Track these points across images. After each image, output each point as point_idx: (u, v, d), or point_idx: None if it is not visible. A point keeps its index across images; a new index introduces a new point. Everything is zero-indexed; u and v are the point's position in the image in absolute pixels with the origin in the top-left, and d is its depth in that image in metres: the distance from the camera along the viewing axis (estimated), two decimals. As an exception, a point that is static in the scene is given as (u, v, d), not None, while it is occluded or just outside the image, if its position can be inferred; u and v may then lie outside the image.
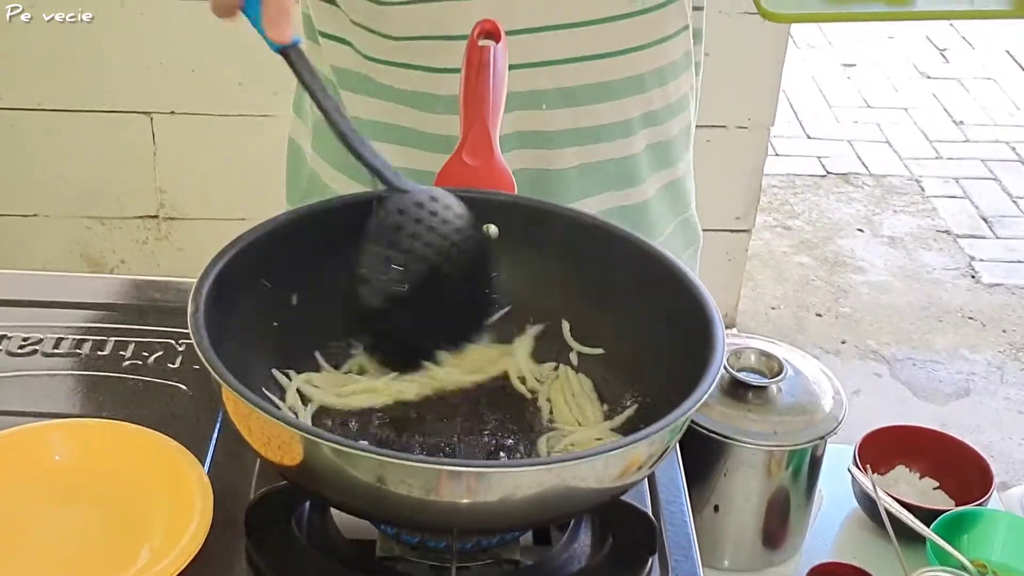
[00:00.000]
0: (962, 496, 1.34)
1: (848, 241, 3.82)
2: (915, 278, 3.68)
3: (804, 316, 3.47)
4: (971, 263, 3.74)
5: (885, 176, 4.18)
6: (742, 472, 1.20)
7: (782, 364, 1.22)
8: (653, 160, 1.31)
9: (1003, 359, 3.36)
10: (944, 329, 3.46)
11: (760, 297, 3.52)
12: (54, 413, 1.03)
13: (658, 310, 1.00)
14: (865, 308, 3.53)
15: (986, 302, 3.58)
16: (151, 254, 2.98)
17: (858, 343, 3.38)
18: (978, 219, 3.97)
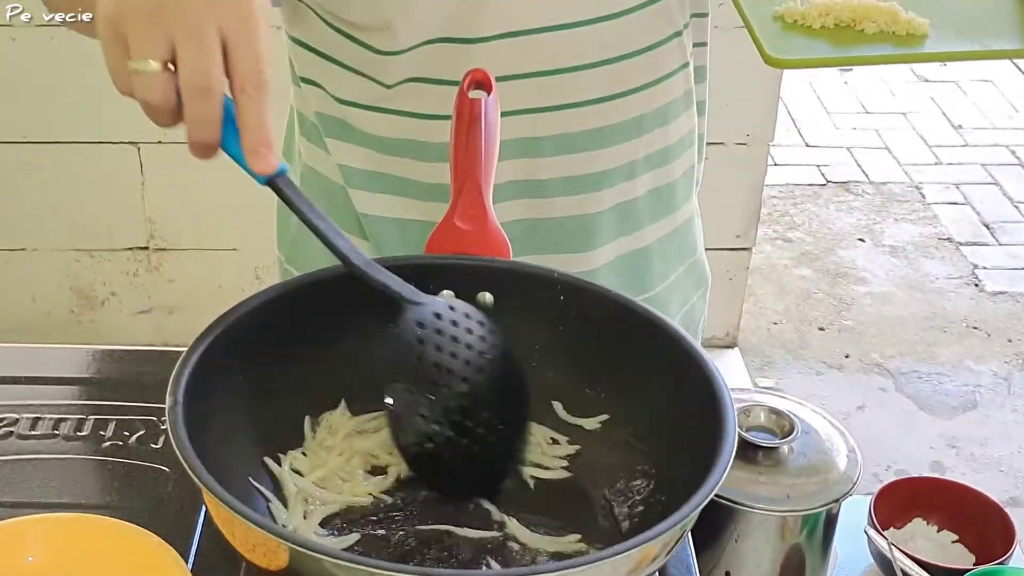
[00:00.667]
0: (983, 550, 1.29)
1: (849, 251, 3.78)
2: (918, 288, 3.63)
3: (807, 331, 3.42)
4: (974, 271, 3.70)
5: (885, 183, 4.13)
6: (754, 538, 1.15)
7: (793, 422, 1.17)
8: (655, 205, 1.26)
9: (1009, 370, 3.32)
10: (949, 340, 3.42)
11: (761, 312, 3.47)
12: (30, 503, 0.98)
13: (663, 385, 0.95)
14: (868, 320, 3.48)
15: (990, 311, 3.54)
16: (142, 286, 2.93)
17: (862, 357, 3.34)
18: (980, 225, 3.93)
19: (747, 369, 3.21)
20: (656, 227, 1.27)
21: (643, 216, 1.25)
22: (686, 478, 0.87)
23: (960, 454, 3.00)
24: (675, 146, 1.25)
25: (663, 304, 1.30)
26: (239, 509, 0.77)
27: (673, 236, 1.29)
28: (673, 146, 1.25)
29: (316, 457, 0.96)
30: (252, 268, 2.89)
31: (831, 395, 3.17)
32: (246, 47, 0.81)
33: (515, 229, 1.19)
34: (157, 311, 2.97)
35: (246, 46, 0.81)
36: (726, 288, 3.09)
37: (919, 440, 3.03)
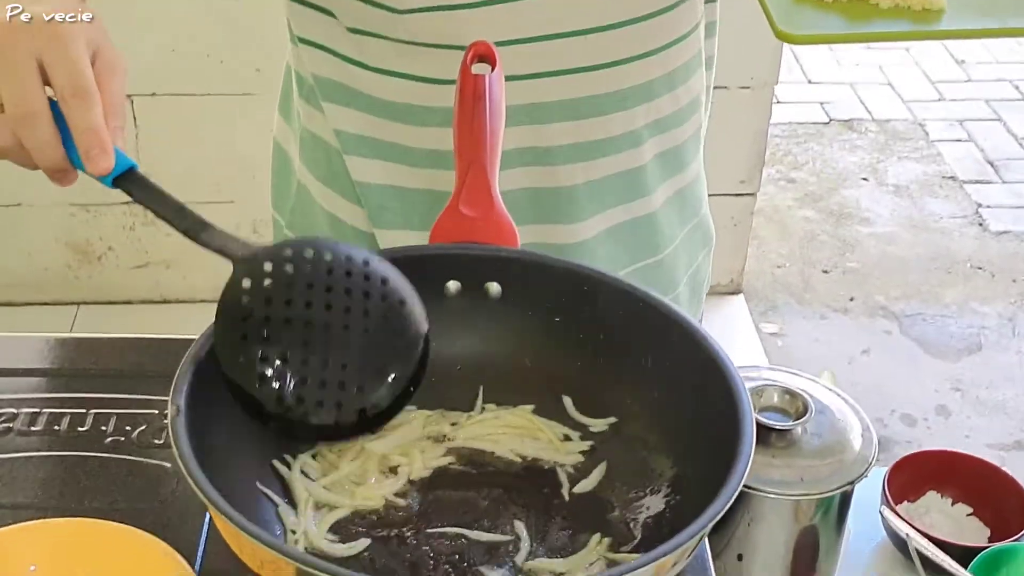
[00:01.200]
0: (998, 524, 1.27)
1: (853, 191, 3.74)
2: (922, 228, 3.60)
3: (811, 274, 3.40)
4: (978, 210, 3.67)
5: (889, 121, 4.08)
6: (767, 521, 1.14)
7: (807, 403, 1.15)
8: (662, 169, 1.23)
9: (1014, 311, 3.30)
10: (953, 281, 3.40)
11: (765, 256, 3.44)
12: (32, 505, 0.96)
13: (678, 380, 0.93)
14: (872, 262, 3.45)
15: (995, 251, 3.51)
16: (138, 240, 2.90)
17: (866, 300, 3.31)
18: (984, 163, 3.89)
19: (751, 316, 3.19)
20: (663, 190, 1.24)
21: (650, 181, 1.22)
22: (702, 477, 0.85)
23: (965, 397, 2.99)
24: (685, 109, 1.22)
25: (671, 267, 1.28)
26: (246, 528, 0.75)
27: (679, 197, 1.27)
28: (683, 109, 1.21)
29: (326, 461, 0.94)
30: (250, 221, 2.85)
31: (835, 339, 3.15)
32: (60, 62, 0.84)
33: (520, 197, 1.16)
34: (154, 266, 2.94)
35: (59, 61, 0.84)
36: (730, 234, 3.06)
37: (924, 384, 3.02)
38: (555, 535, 0.90)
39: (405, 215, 1.19)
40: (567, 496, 0.93)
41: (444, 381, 1.00)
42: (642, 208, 1.23)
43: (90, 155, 0.85)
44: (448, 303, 0.99)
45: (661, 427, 0.94)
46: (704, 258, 1.36)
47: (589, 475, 0.94)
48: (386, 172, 1.19)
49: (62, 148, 0.86)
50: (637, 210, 1.23)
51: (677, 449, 0.92)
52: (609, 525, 0.91)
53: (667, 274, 1.28)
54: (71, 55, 0.85)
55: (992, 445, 2.83)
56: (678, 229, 1.28)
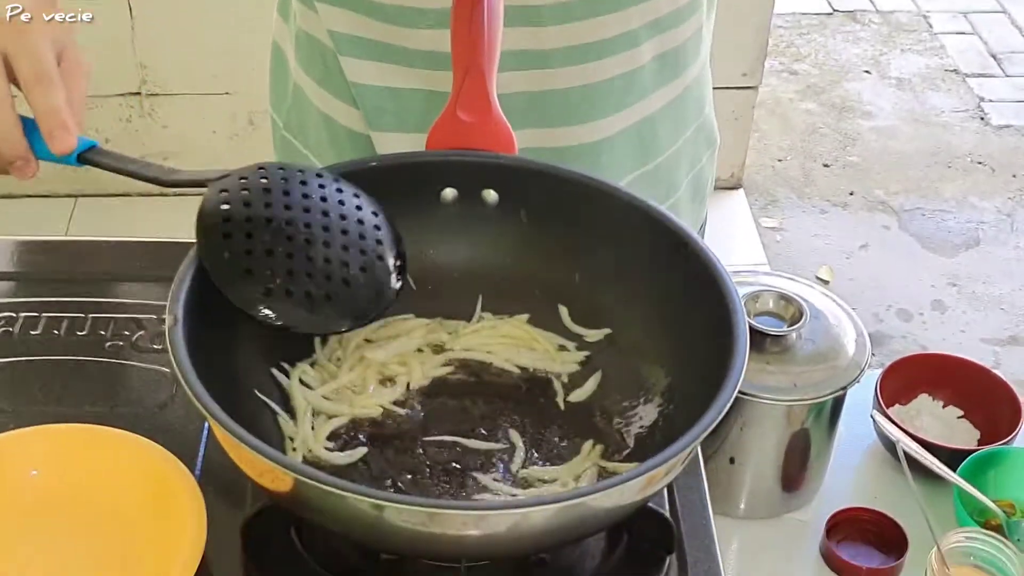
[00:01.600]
0: (988, 427, 1.29)
1: (855, 84, 3.70)
2: (923, 122, 3.57)
3: (811, 167, 3.38)
4: (980, 104, 3.64)
5: (892, 12, 4.02)
6: (759, 426, 1.15)
7: (801, 308, 1.15)
8: (662, 71, 1.21)
9: (1013, 206, 3.29)
10: (953, 176, 3.38)
11: (766, 149, 3.42)
12: (32, 409, 0.97)
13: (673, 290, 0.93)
14: (873, 156, 3.44)
15: (995, 145, 3.49)
16: (136, 132, 2.88)
17: (866, 194, 3.30)
18: (987, 56, 3.84)
19: (751, 209, 3.18)
20: (663, 93, 1.23)
21: (648, 84, 1.21)
22: (696, 387, 0.86)
23: (962, 292, 2.99)
24: (684, 9, 1.20)
25: (672, 169, 1.27)
26: (244, 438, 0.76)
27: (680, 100, 1.25)
28: (683, 9, 1.20)
29: (325, 370, 0.95)
30: (246, 113, 2.83)
31: (834, 234, 3.15)
32: (23, 54, 0.90)
33: (517, 101, 1.15)
34: (152, 158, 2.87)
35: (22, 53, 0.90)
36: (732, 128, 3.03)
37: (921, 279, 3.02)
38: (549, 443, 0.92)
39: (400, 117, 1.19)
40: (562, 405, 0.94)
41: (441, 289, 1.01)
42: (641, 111, 1.22)
43: (53, 135, 0.90)
44: (444, 210, 0.99)
45: (655, 337, 0.94)
46: (708, 159, 1.35)
47: (584, 384, 0.95)
48: (381, 73, 1.18)
49: (24, 137, 0.90)
50: (636, 114, 1.21)
51: (671, 359, 0.93)
52: (603, 433, 0.92)
53: (668, 177, 1.27)
54: (33, 48, 0.90)
55: (987, 340, 2.85)
56: (680, 132, 1.27)
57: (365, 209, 0.90)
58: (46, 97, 0.91)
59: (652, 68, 1.20)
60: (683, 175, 1.29)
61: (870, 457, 1.30)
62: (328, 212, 0.88)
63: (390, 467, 0.89)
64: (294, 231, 0.86)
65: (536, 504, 0.75)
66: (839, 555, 1.18)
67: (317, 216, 0.87)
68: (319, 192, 0.88)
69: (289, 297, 0.85)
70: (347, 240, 0.88)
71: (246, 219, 0.85)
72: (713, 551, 0.91)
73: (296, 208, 0.87)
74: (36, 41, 0.91)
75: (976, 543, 1.08)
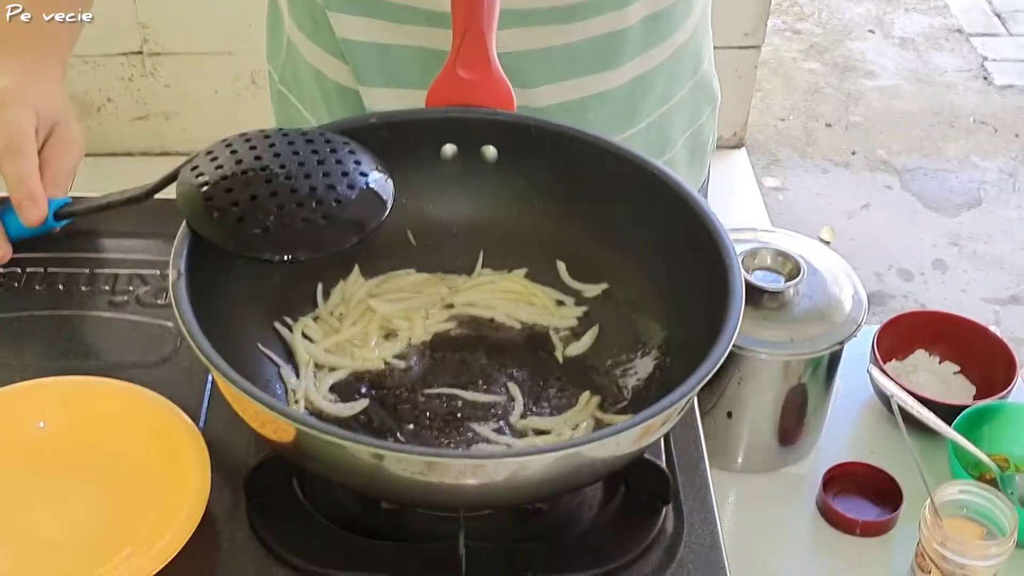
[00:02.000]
0: (984, 383, 1.30)
1: (859, 44, 3.70)
2: (926, 81, 3.57)
3: (814, 127, 3.39)
4: (983, 64, 3.63)
5: (897, -29, 4.02)
6: (756, 380, 1.16)
7: (799, 264, 1.16)
8: (651, 33, 1.20)
9: (1015, 166, 3.29)
10: (955, 135, 3.38)
11: (769, 108, 3.43)
12: (37, 363, 0.98)
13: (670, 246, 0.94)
14: (875, 116, 3.44)
15: (998, 105, 3.49)
16: (138, 91, 2.89)
17: (868, 154, 3.31)
18: (991, 15, 3.84)
19: (753, 169, 3.19)
20: (654, 53, 1.22)
21: (637, 45, 1.20)
22: (691, 341, 0.87)
23: (962, 252, 3.00)
24: None
25: (664, 127, 1.26)
26: (248, 390, 0.77)
27: (674, 59, 1.25)
28: None
29: (328, 324, 0.96)
30: (248, 72, 2.84)
31: (836, 194, 3.16)
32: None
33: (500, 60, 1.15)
34: (154, 117, 2.93)
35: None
36: (734, 87, 3.03)
37: (922, 238, 3.03)
38: (547, 395, 0.93)
39: (388, 72, 1.19)
40: (560, 358, 0.96)
41: (441, 244, 1.02)
42: (631, 72, 1.21)
43: (22, 205, 0.98)
44: (445, 166, 1.00)
45: (653, 292, 0.95)
46: (708, 116, 1.35)
47: (581, 338, 0.96)
48: (368, 28, 1.18)
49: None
50: (625, 74, 1.21)
51: (668, 314, 0.94)
52: (600, 386, 0.94)
53: (660, 134, 1.26)
54: (10, 120, 0.99)
55: (988, 299, 2.86)
56: (673, 90, 1.27)
57: (335, 141, 0.91)
58: (15, 166, 0.98)
59: (640, 29, 1.20)
60: (679, 133, 1.29)
61: (867, 412, 1.31)
62: (298, 151, 0.89)
63: (390, 419, 0.90)
64: (270, 175, 0.87)
65: (533, 453, 0.76)
66: (835, 508, 1.20)
67: (289, 157, 0.88)
68: (283, 141, 0.90)
69: (287, 228, 0.85)
70: (327, 168, 0.89)
71: (221, 178, 0.87)
72: (709, 502, 0.92)
73: (266, 157, 0.88)
74: (15, 114, 0.99)
75: (969, 495, 1.09)
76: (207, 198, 0.86)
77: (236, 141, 0.90)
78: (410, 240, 1.01)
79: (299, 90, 1.28)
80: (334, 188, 0.87)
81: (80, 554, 0.83)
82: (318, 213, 0.86)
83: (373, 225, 0.88)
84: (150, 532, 0.84)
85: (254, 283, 0.93)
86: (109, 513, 0.87)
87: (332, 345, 0.94)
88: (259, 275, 0.93)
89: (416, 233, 1.02)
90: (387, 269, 1.00)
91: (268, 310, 0.95)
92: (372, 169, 0.90)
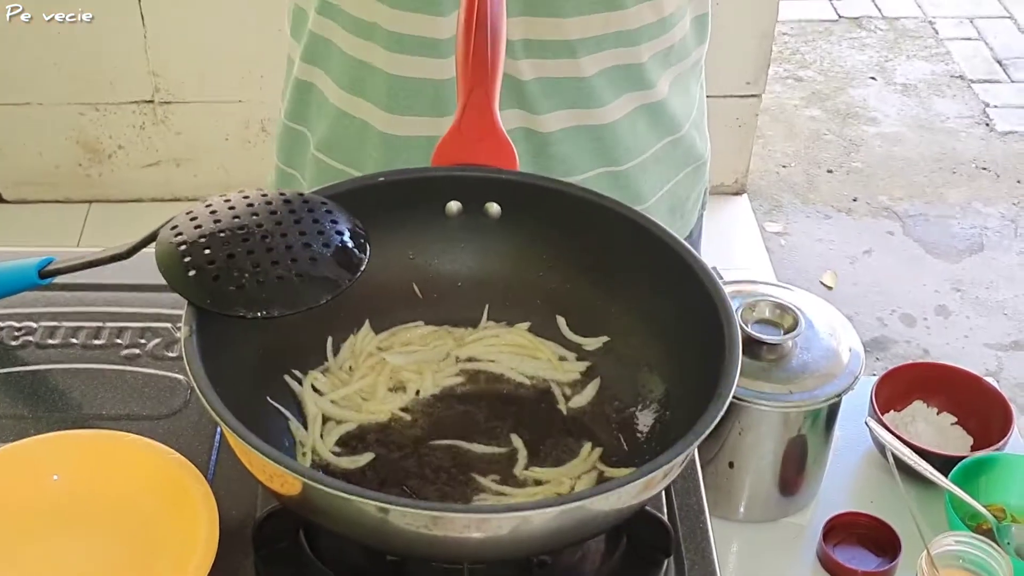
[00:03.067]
0: (981, 434, 1.32)
1: (860, 90, 3.73)
2: (928, 128, 3.60)
3: (815, 173, 3.41)
4: (985, 110, 3.66)
5: (898, 19, 4.06)
6: (756, 431, 1.18)
7: (797, 317, 1.18)
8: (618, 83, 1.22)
9: (1017, 211, 3.32)
10: (957, 181, 3.41)
11: (770, 155, 3.46)
12: (51, 416, 1.01)
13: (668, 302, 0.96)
14: (877, 162, 3.47)
15: (1000, 151, 3.52)
16: (149, 139, 2.92)
17: (870, 200, 3.33)
18: (993, 62, 3.87)
19: (755, 215, 3.21)
20: (620, 103, 1.23)
21: (602, 93, 1.22)
22: (691, 394, 0.89)
23: (965, 297, 3.02)
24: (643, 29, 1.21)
25: (635, 180, 1.27)
26: (255, 444, 0.79)
27: (647, 112, 1.26)
28: (642, 28, 1.21)
29: (337, 378, 0.99)
30: (259, 120, 2.87)
31: (838, 240, 3.18)
32: None
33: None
34: (165, 164, 2.97)
35: None
36: (735, 134, 3.07)
37: (924, 284, 3.05)
38: (550, 447, 0.95)
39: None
40: (563, 411, 0.98)
41: (446, 297, 1.05)
42: (598, 116, 1.23)
43: None
44: (449, 222, 1.03)
45: (653, 346, 0.98)
46: (686, 176, 1.34)
47: (583, 391, 0.99)
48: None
49: None
50: (592, 117, 1.23)
51: (668, 366, 0.96)
52: (601, 439, 0.96)
53: (633, 185, 1.27)
54: None
55: (990, 345, 2.88)
56: (645, 145, 1.28)
57: (313, 200, 0.93)
58: None
59: (604, 78, 1.21)
60: (650, 189, 1.30)
61: (866, 462, 1.33)
62: (276, 211, 0.91)
63: (396, 471, 0.93)
64: (247, 233, 0.89)
65: (537, 507, 0.78)
66: (835, 558, 1.21)
67: (266, 216, 0.90)
68: (261, 200, 0.92)
69: (262, 286, 0.87)
70: (303, 227, 0.91)
71: (199, 237, 0.89)
72: (710, 554, 0.94)
73: (244, 216, 0.90)
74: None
75: (965, 546, 1.11)
76: (184, 257, 0.88)
77: (216, 202, 0.92)
78: (416, 293, 1.04)
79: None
80: (309, 246, 0.89)
81: (92, 604, 0.85)
82: (292, 270, 0.88)
83: (346, 283, 0.90)
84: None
85: (265, 337, 0.95)
86: (121, 564, 0.89)
87: (340, 398, 0.97)
88: (270, 329, 0.95)
89: (422, 287, 1.04)
90: (395, 323, 1.03)
91: (278, 363, 0.97)
92: (347, 227, 0.92)
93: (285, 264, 0.88)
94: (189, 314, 0.87)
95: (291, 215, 0.91)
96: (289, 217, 0.91)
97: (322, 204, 0.94)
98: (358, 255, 0.92)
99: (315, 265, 0.89)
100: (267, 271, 0.87)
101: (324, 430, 0.95)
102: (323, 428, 0.95)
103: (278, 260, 0.88)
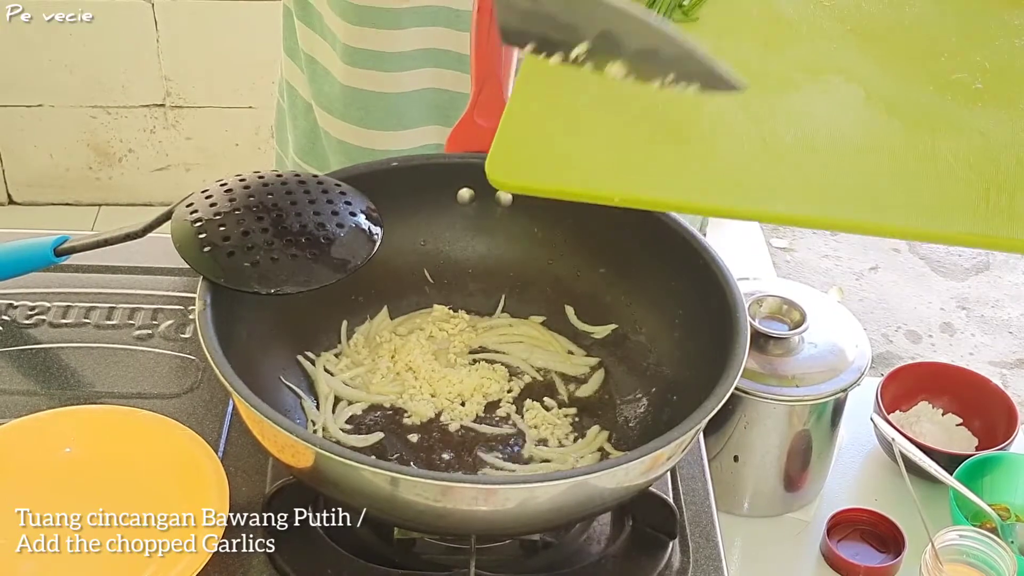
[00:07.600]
0: (986, 434, 1.32)
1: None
2: (935, 147, 3.61)
3: (822, 190, 3.42)
4: (993, 130, 3.67)
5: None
6: (762, 424, 1.19)
7: (804, 313, 1.19)
8: None
9: None
10: (965, 200, 3.41)
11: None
12: (63, 392, 1.02)
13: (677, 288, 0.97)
14: (884, 179, 3.47)
15: (1008, 171, 3.52)
16: (159, 143, 2.94)
17: (876, 217, 3.33)
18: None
19: (762, 230, 3.22)
20: None
21: None
22: (698, 380, 0.90)
23: (970, 315, 3.02)
24: None
25: None
26: (268, 414, 0.80)
27: None
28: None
29: (348, 359, 1.00)
30: (269, 126, 2.88)
31: (844, 256, 3.18)
32: None
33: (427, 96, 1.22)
34: (175, 168, 2.98)
35: None
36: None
37: (930, 301, 3.05)
38: (556, 431, 0.96)
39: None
40: (570, 399, 0.99)
41: (456, 283, 1.06)
42: None
43: None
44: (461, 209, 1.05)
45: (660, 334, 0.99)
46: None
47: (589, 380, 1.00)
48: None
49: None
50: None
51: (675, 355, 0.97)
52: (609, 424, 0.97)
53: None
54: None
55: (995, 363, 2.88)
56: None
57: (327, 182, 0.95)
58: None
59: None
60: None
61: (871, 461, 1.33)
62: (291, 191, 0.93)
63: (404, 451, 0.93)
64: (262, 211, 0.91)
65: (544, 480, 0.79)
66: (839, 554, 1.22)
67: (281, 196, 0.92)
68: (276, 181, 0.94)
69: (276, 263, 0.88)
70: (317, 207, 0.92)
71: (214, 215, 0.91)
72: (715, 538, 0.94)
73: (259, 195, 0.92)
74: None
75: (969, 541, 1.11)
76: (199, 233, 0.90)
77: (231, 181, 0.94)
78: (427, 278, 1.05)
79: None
80: (323, 226, 0.91)
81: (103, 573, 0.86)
82: (306, 250, 0.89)
83: (359, 262, 0.91)
84: (170, 556, 0.87)
85: (278, 317, 0.97)
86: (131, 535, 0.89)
87: (350, 378, 0.98)
88: (283, 310, 0.96)
89: (433, 272, 1.06)
90: (409, 309, 1.05)
91: (291, 344, 0.98)
92: (361, 209, 0.94)
93: (299, 243, 0.89)
94: (203, 289, 0.88)
95: (305, 195, 0.93)
96: (304, 198, 0.93)
97: (336, 186, 0.95)
98: (372, 236, 0.93)
99: (329, 245, 0.90)
100: (281, 249, 0.89)
101: (336, 409, 0.96)
102: (334, 407, 0.96)
103: (292, 239, 0.90)
